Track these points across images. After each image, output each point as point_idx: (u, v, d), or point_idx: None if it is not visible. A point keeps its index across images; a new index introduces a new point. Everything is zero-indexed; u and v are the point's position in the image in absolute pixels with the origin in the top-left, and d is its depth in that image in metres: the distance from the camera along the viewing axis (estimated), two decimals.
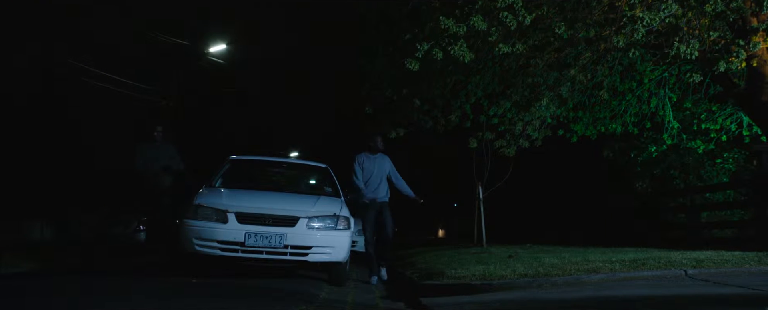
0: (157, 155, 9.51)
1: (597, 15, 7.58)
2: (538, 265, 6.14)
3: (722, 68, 6.51)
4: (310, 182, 8.59)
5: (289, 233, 6.27)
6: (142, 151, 9.53)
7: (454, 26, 6.98)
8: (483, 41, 8.00)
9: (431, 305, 4.66)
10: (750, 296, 3.65)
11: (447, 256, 9.16)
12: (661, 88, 11.37)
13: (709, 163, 12.40)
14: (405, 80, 10.00)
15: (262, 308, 4.57)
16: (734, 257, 5.58)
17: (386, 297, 5.89)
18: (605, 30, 7.54)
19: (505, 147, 10.27)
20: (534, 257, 7.34)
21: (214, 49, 20.53)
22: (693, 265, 5.27)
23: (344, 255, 6.58)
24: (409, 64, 7.52)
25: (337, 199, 7.27)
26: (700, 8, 6.44)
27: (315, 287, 6.29)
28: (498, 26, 7.28)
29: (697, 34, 6.81)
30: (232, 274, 6.84)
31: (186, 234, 6.30)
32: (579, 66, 8.78)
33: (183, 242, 6.32)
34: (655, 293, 4.13)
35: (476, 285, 5.49)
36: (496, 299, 4.62)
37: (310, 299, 5.19)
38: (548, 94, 9.29)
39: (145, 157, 9.47)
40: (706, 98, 11.33)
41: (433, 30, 7.76)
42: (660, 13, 6.21)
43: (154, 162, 9.45)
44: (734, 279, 4.54)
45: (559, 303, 4.22)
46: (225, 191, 6.98)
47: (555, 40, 8.23)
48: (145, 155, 9.49)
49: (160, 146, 9.65)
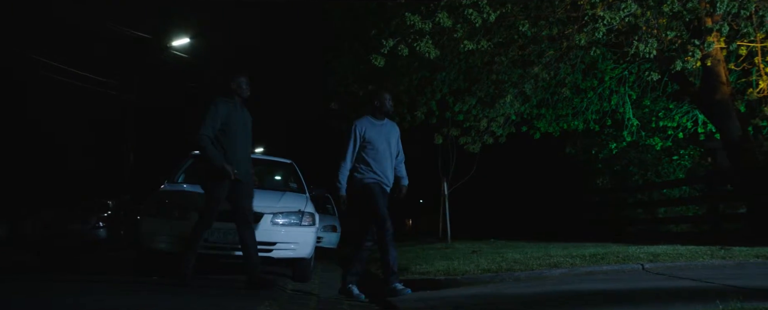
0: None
1: (560, 13, 7.71)
2: (502, 260, 6.22)
3: (679, 67, 6.69)
4: (275, 178, 8.52)
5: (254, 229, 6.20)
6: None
7: (419, 23, 7.01)
8: (448, 38, 8.06)
9: (396, 302, 4.69)
10: (701, 288, 3.77)
11: (412, 252, 9.21)
12: (621, 86, 11.62)
13: (667, 160, 12.75)
14: (371, 76, 10.02)
15: (225, 304, 4.52)
16: (688, 251, 5.75)
17: None
18: (568, 28, 7.68)
19: (469, 143, 10.36)
20: (497, 252, 7.43)
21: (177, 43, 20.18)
22: (650, 259, 5.42)
23: (309, 251, 6.56)
24: (375, 60, 7.53)
25: (302, 195, 7.24)
26: (657, 8, 6.60)
27: (280, 283, 6.25)
28: (463, 23, 7.33)
29: (655, 34, 6.98)
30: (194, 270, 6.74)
31: (146, 230, 6.19)
32: (542, 64, 8.91)
33: (143, 239, 6.21)
34: (613, 287, 4.23)
35: (441, 281, 5.54)
36: (460, 295, 4.67)
37: (274, 295, 5.16)
38: (512, 91, 9.40)
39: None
40: (664, 96, 11.63)
41: (398, 26, 7.78)
42: (620, 13, 6.34)
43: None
44: (688, 273, 4.67)
45: (521, 298, 4.29)
46: (187, 187, 6.89)
47: (519, 37, 8.35)
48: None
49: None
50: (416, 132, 12.79)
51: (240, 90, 5.47)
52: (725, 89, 8.70)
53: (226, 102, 5.37)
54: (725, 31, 6.53)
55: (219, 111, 5.28)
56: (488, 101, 9.95)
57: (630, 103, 11.81)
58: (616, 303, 3.53)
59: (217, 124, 5.26)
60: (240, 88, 5.46)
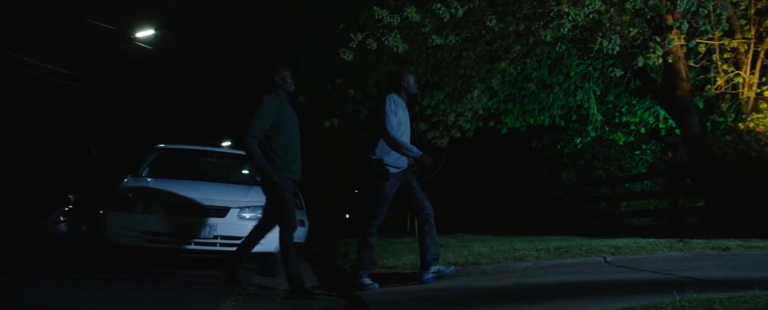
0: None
1: (526, 9, 7.78)
2: (468, 254, 6.28)
3: (641, 63, 6.83)
4: (242, 172, 8.45)
5: (220, 224, 6.16)
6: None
7: (388, 17, 7.01)
8: (417, 33, 8.08)
9: (363, 295, 4.70)
10: (660, 280, 3.87)
11: (380, 246, 9.21)
12: (586, 82, 11.82)
13: (629, 154, 13.01)
14: (339, 70, 9.97)
15: (190, 299, 4.48)
16: (649, 244, 5.89)
17: (318, 287, 5.88)
18: (534, 24, 7.76)
19: (437, 138, 10.41)
20: (464, 246, 7.50)
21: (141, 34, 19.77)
22: (612, 252, 5.53)
23: (276, 246, 6.50)
24: (343, 53, 7.51)
25: None
26: (620, 5, 6.73)
27: (246, 277, 6.21)
28: (431, 18, 7.36)
29: (618, 30, 7.12)
30: (160, 265, 6.66)
31: (109, 225, 6.10)
32: (509, 59, 9.01)
33: (106, 233, 6.11)
34: (576, 279, 4.31)
35: (408, 274, 5.57)
36: (427, 288, 4.70)
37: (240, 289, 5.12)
38: (480, 85, 9.47)
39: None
40: (627, 92, 11.86)
41: (367, 20, 7.76)
42: (584, 9, 6.44)
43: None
44: (648, 265, 4.79)
45: (487, 291, 4.34)
46: (151, 181, 6.79)
47: (486, 32, 8.41)
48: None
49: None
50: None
51: (285, 84, 5.07)
52: (685, 86, 8.91)
53: (274, 99, 4.98)
54: (685, 29, 6.68)
55: (268, 110, 4.88)
56: (456, 96, 10.02)
57: (594, 98, 12.02)
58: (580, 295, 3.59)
59: (266, 125, 4.87)
60: (285, 82, 5.07)
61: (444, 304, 3.91)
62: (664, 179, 10.95)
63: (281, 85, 5.06)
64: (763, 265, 4.32)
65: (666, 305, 2.82)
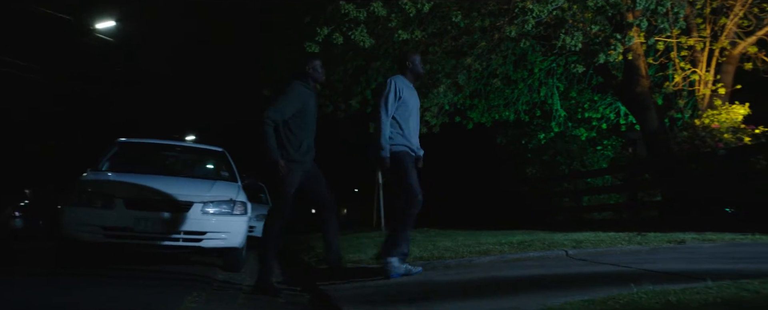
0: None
1: (492, 5, 7.86)
2: (433, 248, 6.32)
3: (602, 60, 6.97)
4: (206, 167, 8.34)
5: (182, 219, 6.08)
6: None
7: (354, 11, 7.01)
8: (383, 27, 8.09)
9: (329, 290, 4.69)
10: (620, 273, 3.96)
11: (345, 241, 9.21)
12: (549, 78, 12.00)
13: (591, 150, 13.27)
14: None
15: (152, 294, 4.41)
16: (609, 237, 6.01)
17: (282, 282, 5.85)
18: (499, 20, 7.85)
19: None
20: (429, 240, 7.54)
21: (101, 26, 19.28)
22: (573, 246, 5.63)
23: (241, 240, 6.47)
24: (309, 47, 7.47)
25: (233, 183, 7.12)
26: (583, 2, 6.85)
27: (210, 272, 6.15)
28: (398, 13, 7.38)
29: (580, 27, 7.25)
30: (121, 261, 6.54)
31: (67, 220, 5.96)
32: (475, 54, 9.08)
33: (64, 228, 5.98)
34: (538, 272, 4.38)
35: (374, 269, 5.57)
36: (392, 283, 4.71)
37: (204, 284, 5.07)
38: (446, 81, 9.53)
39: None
40: (589, 88, 12.09)
41: (333, 14, 7.74)
42: (548, 6, 6.54)
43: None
44: (608, 258, 4.89)
45: (452, 285, 4.38)
46: (112, 175, 6.66)
47: (452, 28, 8.47)
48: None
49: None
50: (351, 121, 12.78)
51: (315, 74, 4.92)
52: (644, 82, 9.12)
53: (303, 87, 4.84)
54: (644, 26, 6.84)
55: (294, 97, 4.73)
56: (422, 91, 10.05)
57: (558, 94, 12.22)
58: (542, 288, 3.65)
59: (288, 111, 4.71)
60: (315, 71, 4.91)
61: (409, 298, 3.93)
62: (624, 174, 11.20)
63: (311, 74, 4.90)
64: (716, 257, 4.46)
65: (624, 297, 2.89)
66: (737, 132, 8.00)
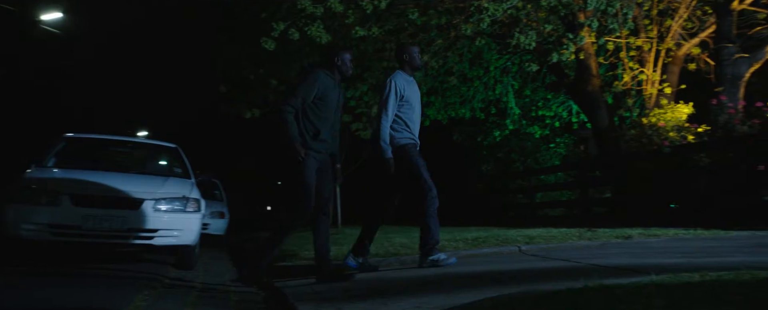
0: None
1: (448, 3, 7.93)
2: (389, 245, 6.35)
3: (555, 59, 7.11)
4: (159, 163, 8.17)
5: (133, 216, 5.94)
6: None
7: (310, 7, 6.96)
8: (340, 23, 8.06)
9: (283, 288, 4.66)
10: (570, 268, 4.06)
11: (302, 238, 9.16)
12: (505, 76, 12.19)
13: (545, 147, 13.55)
14: (261, 59, 9.81)
15: (101, 293, 4.30)
16: (560, 233, 6.15)
17: (237, 280, 5.78)
18: (455, 18, 7.92)
19: (361, 130, 10.43)
20: (386, 237, 7.56)
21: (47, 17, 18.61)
22: (526, 241, 5.74)
23: (193, 238, 6.37)
24: (265, 43, 7.39)
25: (187, 180, 6.99)
26: (537, 2, 6.97)
27: (162, 270, 6.03)
28: (355, 9, 7.36)
29: (534, 27, 7.38)
30: (69, 259, 6.35)
31: (10, 217, 5.76)
32: (431, 52, 9.14)
33: (7, 226, 5.76)
34: (491, 268, 4.44)
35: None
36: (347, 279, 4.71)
37: (155, 283, 4.97)
38: None
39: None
40: (543, 87, 12.33)
41: (289, 10, 7.67)
42: (503, 5, 6.63)
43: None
44: (559, 253, 5.00)
45: (407, 281, 4.41)
46: (58, 171, 6.45)
47: (409, 25, 8.50)
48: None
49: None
50: None
51: (344, 67, 4.70)
52: (595, 81, 9.35)
53: (325, 76, 4.64)
54: (595, 27, 7.01)
55: (315, 84, 4.54)
56: (380, 88, 10.07)
57: (512, 92, 12.42)
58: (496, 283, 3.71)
59: (309, 97, 4.53)
60: (344, 65, 4.70)
61: (364, 294, 3.93)
62: (576, 171, 11.47)
63: (340, 66, 4.68)
64: (660, 251, 4.61)
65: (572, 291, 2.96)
66: (682, 130, 8.29)
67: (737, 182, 7.11)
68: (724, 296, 2.26)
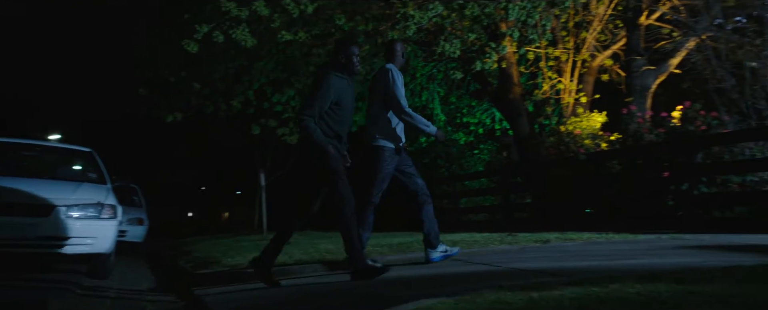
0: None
1: (375, 10, 7.99)
2: (315, 251, 6.31)
3: (478, 67, 7.30)
4: (72, 168, 7.79)
5: (43, 223, 5.63)
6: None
7: (235, 9, 6.85)
8: (266, 27, 7.96)
9: (203, 295, 4.54)
10: (491, 271, 4.16)
11: (225, 244, 8.98)
12: (430, 83, 12.39)
13: (469, 153, 13.86)
14: (184, 62, 9.54)
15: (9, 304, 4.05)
16: (483, 238, 6.30)
17: (155, 289, 5.59)
18: (382, 25, 7.99)
19: (287, 135, 10.34)
20: (311, 243, 7.52)
21: None
22: (450, 246, 5.84)
23: (108, 246, 6.10)
24: (188, 45, 7.21)
25: (102, 186, 6.69)
26: (461, 11, 7.15)
27: (75, 279, 5.75)
28: (281, 13, 7.30)
29: (459, 35, 7.55)
30: None
31: None
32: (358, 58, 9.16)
33: None
34: (415, 273, 4.50)
35: (252, 273, 5.46)
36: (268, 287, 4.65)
37: (65, 294, 4.73)
38: None
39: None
40: (467, 94, 12.62)
41: (213, 12, 7.52)
42: (428, 13, 6.75)
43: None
44: (481, 258, 5.12)
45: (329, 287, 4.40)
46: None
47: (336, 31, 8.50)
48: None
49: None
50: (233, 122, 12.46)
51: (350, 65, 4.51)
52: (517, 90, 9.66)
53: (339, 77, 4.49)
54: (516, 37, 7.26)
55: (331, 90, 4.40)
56: (306, 93, 10.01)
57: (438, 99, 12.65)
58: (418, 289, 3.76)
59: (325, 104, 4.41)
60: (350, 62, 4.51)
61: (285, 301, 3.89)
62: (498, 177, 11.79)
63: (344, 64, 4.51)
64: (576, 255, 4.81)
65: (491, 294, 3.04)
66: (596, 138, 8.69)
67: (645, 187, 7.51)
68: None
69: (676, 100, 8.09)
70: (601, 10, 9.47)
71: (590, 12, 9.68)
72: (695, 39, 8.69)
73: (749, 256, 3.80)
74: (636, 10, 9.42)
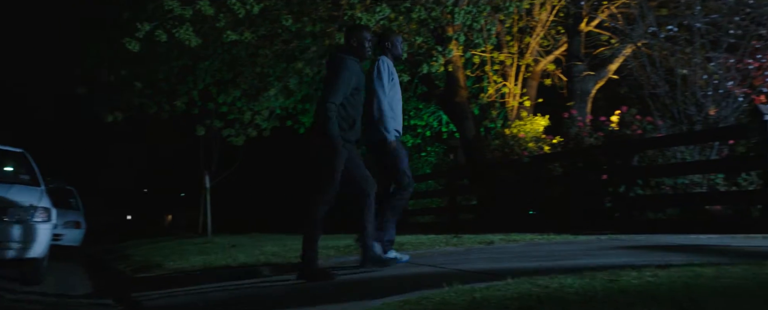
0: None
1: (322, 11, 7.97)
2: (260, 253, 6.24)
3: (425, 70, 7.37)
4: (3, 169, 7.45)
5: None
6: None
7: (178, 8, 6.70)
8: (211, 27, 7.83)
9: (142, 299, 4.42)
10: (436, 273, 4.20)
11: (167, 248, 8.77)
12: None
13: (416, 156, 13.96)
14: (126, 61, 9.26)
15: None
16: (429, 239, 6.36)
17: (92, 294, 5.41)
18: (329, 26, 7.97)
19: (233, 136, 10.18)
20: (257, 245, 7.43)
21: None
22: (396, 248, 5.84)
23: (42, 250, 5.87)
24: (129, 44, 7.02)
25: (35, 188, 6.43)
26: (408, 15, 7.21)
27: (5, 285, 5.49)
28: (226, 13, 7.19)
29: (406, 38, 7.61)
30: None
31: None
32: (306, 59, 9.13)
33: None
34: (360, 276, 4.50)
35: (195, 276, 5.37)
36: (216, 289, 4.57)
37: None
38: (277, 84, 9.47)
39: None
40: (415, 97, 12.71)
41: (156, 10, 7.34)
42: (376, 15, 6.78)
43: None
44: (426, 259, 5.16)
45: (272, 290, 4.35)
46: None
47: (283, 32, 8.44)
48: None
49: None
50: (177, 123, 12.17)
51: (362, 50, 4.45)
52: (463, 93, 9.81)
53: (354, 62, 4.39)
54: (462, 41, 7.37)
55: (353, 76, 4.31)
56: (253, 94, 9.89)
57: None
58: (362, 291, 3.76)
59: (347, 90, 4.31)
60: (362, 46, 4.45)
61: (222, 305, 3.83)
62: (445, 179, 11.92)
63: (356, 48, 4.45)
64: (518, 256, 4.91)
65: (436, 295, 3.06)
66: (539, 141, 8.91)
67: (585, 189, 7.73)
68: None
69: (614, 104, 8.38)
70: (544, 16, 9.73)
71: (533, 18, 9.93)
72: (631, 46, 9.02)
73: (678, 255, 3.97)
74: (577, 17, 9.72)
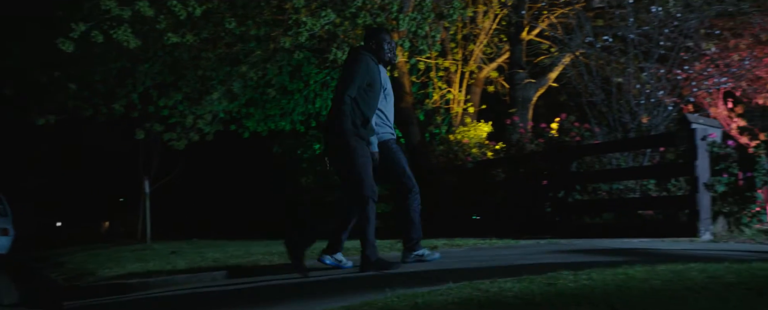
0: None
1: (267, 15, 7.89)
2: (201, 260, 6.12)
3: None
4: None
5: None
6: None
7: (116, 8, 6.51)
8: (151, 28, 7.64)
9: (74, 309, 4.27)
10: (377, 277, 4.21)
11: (103, 255, 8.47)
12: (324, 90, 12.39)
13: None
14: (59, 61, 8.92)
15: None
16: None
17: (20, 304, 5.17)
18: (274, 30, 7.90)
19: (174, 140, 9.95)
20: (197, 252, 7.28)
21: None
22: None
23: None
24: (63, 44, 6.77)
25: None
26: (353, 20, 7.22)
27: None
28: (167, 14, 7.03)
29: (351, 43, 7.62)
30: None
31: None
32: (250, 63, 9.02)
33: None
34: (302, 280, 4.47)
35: (131, 284, 5.20)
36: (152, 297, 4.45)
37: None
38: (220, 88, 9.31)
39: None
40: None
41: (93, 10, 7.11)
42: (321, 20, 6.76)
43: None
44: None
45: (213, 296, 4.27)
46: None
47: (226, 35, 8.31)
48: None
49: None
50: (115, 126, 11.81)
51: (381, 53, 4.44)
52: (408, 99, 9.89)
53: (373, 60, 4.39)
54: (407, 47, 7.43)
55: (366, 68, 4.30)
56: (195, 97, 9.70)
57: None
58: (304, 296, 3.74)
59: (363, 84, 4.29)
60: (380, 48, 4.44)
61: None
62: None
63: (375, 50, 4.45)
64: (461, 260, 4.99)
65: (379, 301, 3.07)
66: (482, 147, 9.08)
67: (526, 195, 7.92)
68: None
69: (554, 112, 8.62)
70: (487, 24, 9.93)
71: (477, 26, 10.12)
72: (570, 55, 9.31)
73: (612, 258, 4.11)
74: (518, 26, 9.96)
